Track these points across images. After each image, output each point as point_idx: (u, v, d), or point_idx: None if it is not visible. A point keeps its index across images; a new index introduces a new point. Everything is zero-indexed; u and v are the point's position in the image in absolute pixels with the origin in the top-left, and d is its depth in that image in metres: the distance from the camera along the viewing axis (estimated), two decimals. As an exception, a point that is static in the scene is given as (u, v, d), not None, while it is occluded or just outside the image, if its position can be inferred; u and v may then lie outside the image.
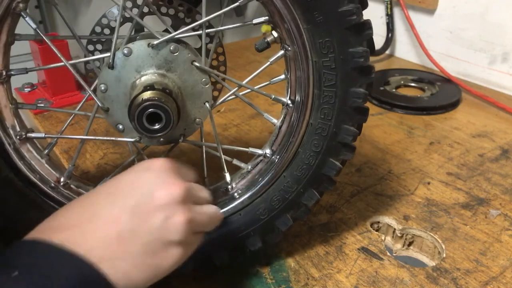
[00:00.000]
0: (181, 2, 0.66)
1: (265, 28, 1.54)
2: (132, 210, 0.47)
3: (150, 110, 0.50)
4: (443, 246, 0.73)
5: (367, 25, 0.54)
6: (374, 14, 1.52)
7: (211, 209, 0.56)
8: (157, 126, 0.51)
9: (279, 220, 0.64)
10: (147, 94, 0.51)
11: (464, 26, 1.33)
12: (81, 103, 0.63)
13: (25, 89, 1.20)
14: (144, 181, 0.49)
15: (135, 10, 0.64)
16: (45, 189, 0.60)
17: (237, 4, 0.55)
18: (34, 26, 0.54)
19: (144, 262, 0.46)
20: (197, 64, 0.56)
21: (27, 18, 0.54)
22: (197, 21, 0.63)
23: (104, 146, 0.98)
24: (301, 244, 0.73)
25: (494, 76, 1.30)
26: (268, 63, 0.61)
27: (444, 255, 0.71)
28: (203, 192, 0.57)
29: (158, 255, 0.47)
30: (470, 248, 0.72)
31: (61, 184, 0.62)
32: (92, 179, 0.66)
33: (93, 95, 0.56)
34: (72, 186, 0.63)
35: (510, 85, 1.27)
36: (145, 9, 0.65)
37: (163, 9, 0.67)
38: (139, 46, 0.54)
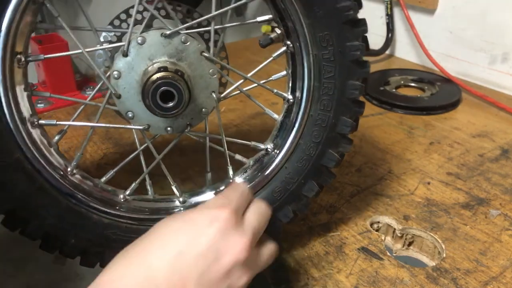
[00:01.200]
0: (180, 3, 0.67)
1: (265, 28, 1.58)
2: (198, 282, 0.46)
3: (163, 88, 0.54)
4: (443, 246, 0.73)
5: (363, 21, 0.59)
6: (374, 14, 1.53)
7: (268, 250, 0.56)
8: (170, 104, 0.54)
9: (280, 212, 0.66)
10: (161, 74, 0.54)
11: (464, 26, 1.33)
12: (93, 93, 0.64)
13: (25, 89, 1.20)
14: (209, 242, 0.48)
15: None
16: (54, 176, 0.60)
17: (243, 1, 0.58)
18: (56, 14, 0.56)
19: None
20: (206, 54, 0.59)
21: (49, 6, 0.55)
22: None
23: (104, 146, 0.98)
24: (301, 244, 0.73)
25: (494, 76, 1.30)
26: (271, 58, 0.64)
27: (444, 255, 0.71)
28: (263, 218, 0.56)
29: None
30: (470, 248, 0.72)
31: (69, 172, 0.63)
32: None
33: (106, 82, 0.58)
34: (78, 175, 0.64)
35: (510, 85, 1.27)
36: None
37: (162, 12, 0.67)
38: (153, 36, 0.57)
